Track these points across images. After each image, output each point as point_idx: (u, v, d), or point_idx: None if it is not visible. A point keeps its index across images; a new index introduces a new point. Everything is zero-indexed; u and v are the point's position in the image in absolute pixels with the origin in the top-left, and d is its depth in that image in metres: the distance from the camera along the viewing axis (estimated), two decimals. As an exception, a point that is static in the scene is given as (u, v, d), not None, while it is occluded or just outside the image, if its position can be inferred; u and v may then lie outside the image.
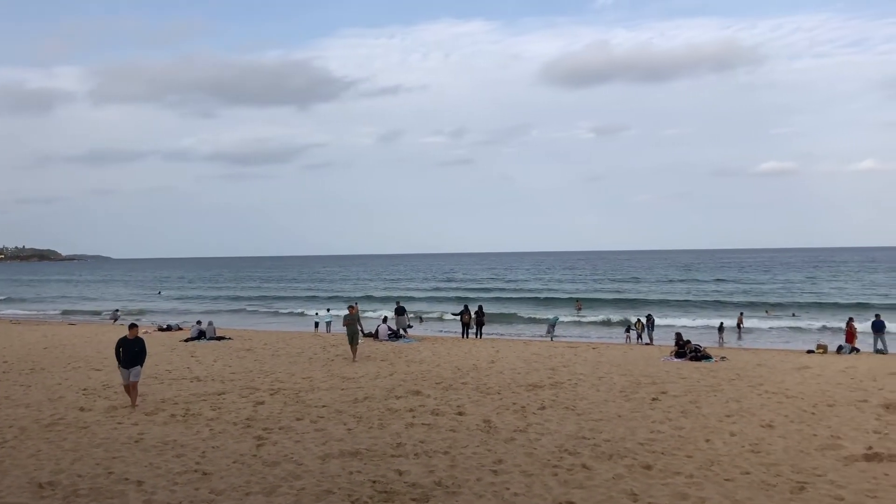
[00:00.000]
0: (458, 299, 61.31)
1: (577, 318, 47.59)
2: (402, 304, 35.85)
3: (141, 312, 57.54)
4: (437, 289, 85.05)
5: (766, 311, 47.15)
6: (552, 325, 35.65)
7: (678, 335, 27.02)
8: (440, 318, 48.10)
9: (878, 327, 29.01)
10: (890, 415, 14.26)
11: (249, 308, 64.07)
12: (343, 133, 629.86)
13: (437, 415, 14.26)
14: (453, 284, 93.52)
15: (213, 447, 11.68)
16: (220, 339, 31.33)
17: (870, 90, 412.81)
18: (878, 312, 32.19)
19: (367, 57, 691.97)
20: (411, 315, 40.55)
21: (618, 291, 74.37)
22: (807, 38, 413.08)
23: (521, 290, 79.75)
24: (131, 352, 14.98)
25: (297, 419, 13.92)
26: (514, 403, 15.51)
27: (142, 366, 15.20)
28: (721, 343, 32.53)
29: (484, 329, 34.16)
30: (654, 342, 32.42)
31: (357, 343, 23.70)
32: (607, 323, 45.34)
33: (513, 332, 40.37)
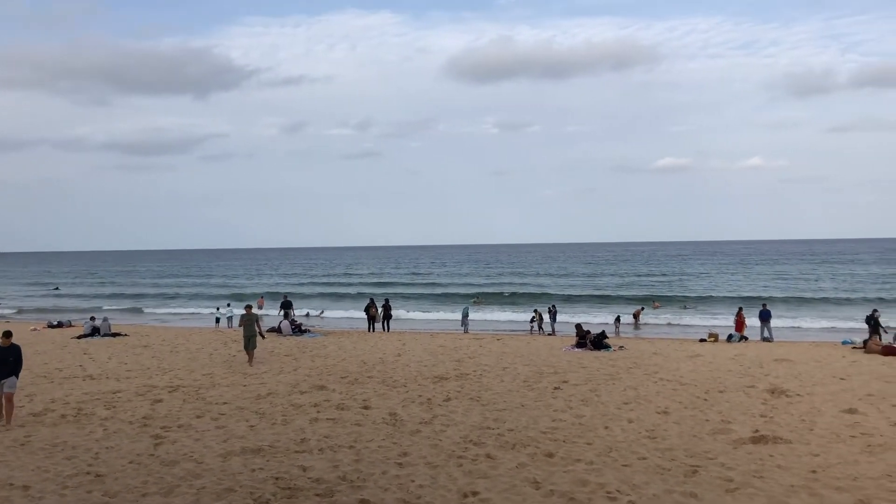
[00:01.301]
0: (361, 295, 60.83)
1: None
2: (288, 299, 35.40)
3: (40, 310, 54.57)
4: (339, 283, 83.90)
5: (654, 304, 48.73)
6: (465, 315, 35.88)
7: (578, 326, 27.73)
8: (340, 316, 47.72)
9: (765, 316, 30.54)
10: (775, 399, 15.06)
11: (147, 303, 61.85)
12: (245, 124, 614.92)
13: (342, 409, 14.16)
14: (356, 279, 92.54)
15: (107, 448, 11.22)
16: (115, 335, 30.08)
17: (757, 91, 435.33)
18: (764, 302, 33.88)
19: (271, 46, 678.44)
20: (314, 312, 40.13)
21: (521, 284, 75.58)
22: (701, 39, 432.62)
23: (427, 283, 80.00)
24: (4, 362, 13.16)
25: (198, 417, 13.55)
26: (420, 396, 15.57)
27: (17, 376, 13.34)
28: (617, 335, 33.54)
29: (391, 322, 34.13)
30: (557, 333, 33.15)
31: (254, 347, 21.23)
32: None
33: (420, 325, 40.48)
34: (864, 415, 13.40)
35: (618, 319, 35.87)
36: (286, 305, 34.24)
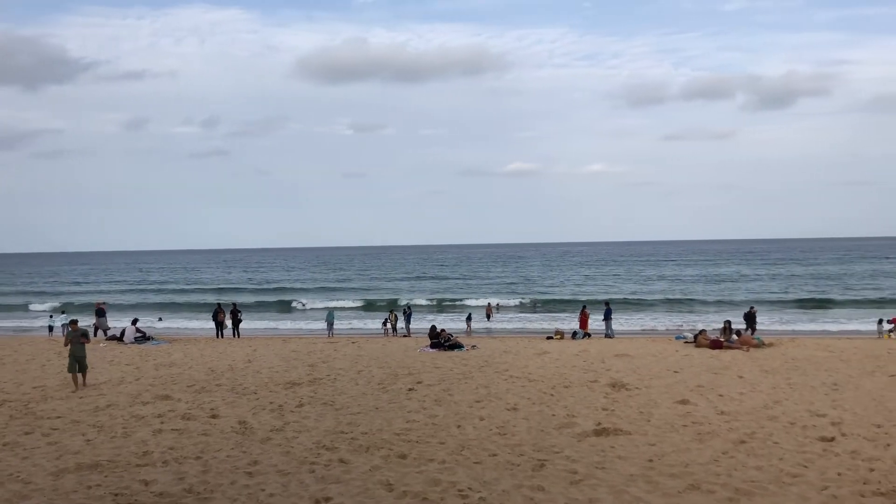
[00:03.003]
0: (206, 303, 58.46)
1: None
2: (102, 306, 33.67)
3: None
4: (179, 290, 79.47)
5: (496, 307, 48.83)
6: (330, 322, 35.30)
7: (433, 327, 28.07)
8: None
9: (607, 314, 32.16)
10: (615, 392, 15.88)
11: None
12: (81, 119, 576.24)
13: (188, 419, 13.57)
14: (197, 284, 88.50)
15: (-82, 472, 10.17)
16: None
17: (600, 100, 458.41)
18: (607, 301, 35.63)
19: (112, 38, 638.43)
20: (150, 321, 38.30)
21: (376, 289, 75.56)
22: (548, 49, 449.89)
23: (275, 288, 78.13)
24: None
25: (26, 433, 12.57)
26: (272, 403, 15.20)
27: None
28: (469, 333, 34.25)
29: (241, 327, 33.13)
30: (412, 334, 33.38)
31: (85, 369, 17.86)
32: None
33: (271, 329, 39.55)
34: (694, 405, 14.37)
35: (469, 318, 36.59)
36: (99, 313, 32.40)
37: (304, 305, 56.43)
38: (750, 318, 30.48)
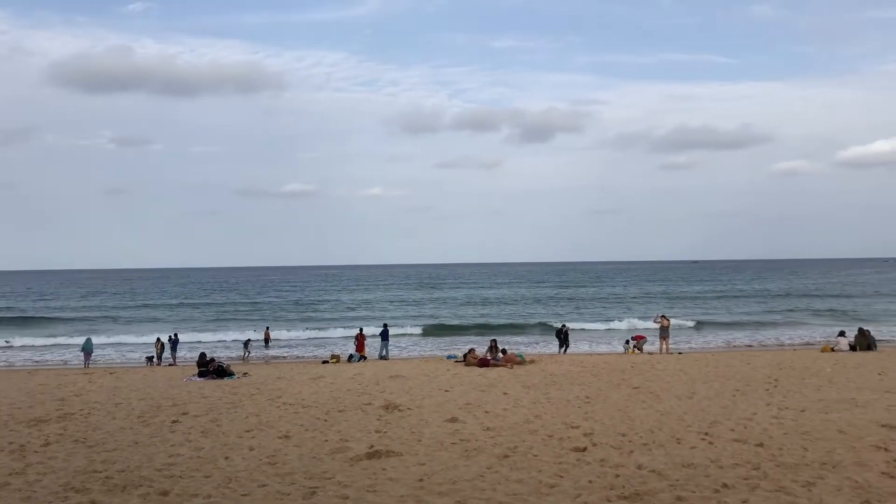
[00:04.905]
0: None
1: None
2: None
3: None
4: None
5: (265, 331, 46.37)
6: (87, 352, 32.31)
7: (202, 354, 26.85)
8: None
9: (384, 336, 32.60)
10: (388, 414, 16.07)
11: None
12: None
13: None
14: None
15: None
16: None
17: (377, 125, 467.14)
18: (385, 323, 36.14)
19: None
20: None
21: (138, 319, 70.91)
22: (326, 72, 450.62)
23: (21, 317, 70.78)
24: None
25: None
26: (12, 443, 13.62)
27: None
28: (247, 357, 33.16)
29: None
30: (178, 363, 31.66)
31: None
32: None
33: (16, 358, 35.58)
34: (463, 422, 14.90)
35: (247, 344, 35.36)
36: None
37: (7, 343, 43.66)
38: (562, 336, 33.41)
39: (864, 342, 30.02)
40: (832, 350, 29.72)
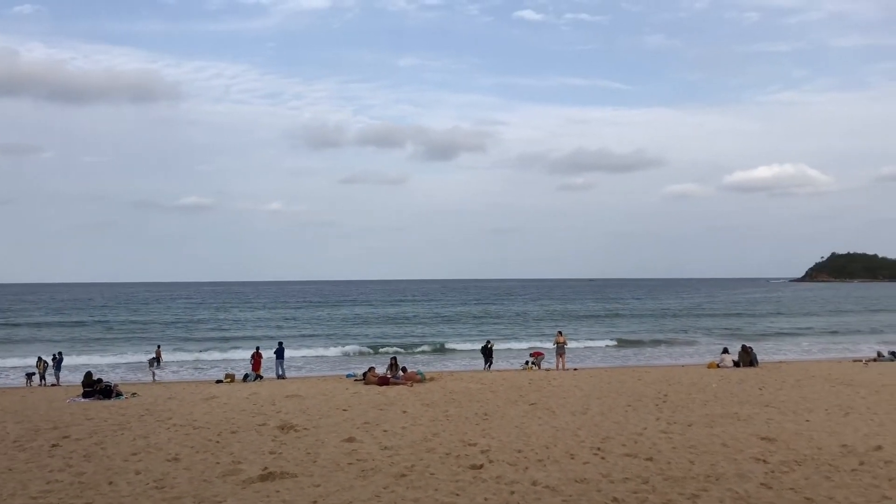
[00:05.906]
0: None
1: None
2: None
3: None
4: None
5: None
6: (151, 364, 30.67)
7: (88, 374, 25.65)
8: None
9: (279, 354, 31.91)
10: (284, 435, 15.72)
11: None
12: None
13: None
14: None
15: None
16: None
17: (280, 140, 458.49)
18: (280, 341, 35.30)
19: None
20: None
21: (14, 340, 67.03)
22: (226, 84, 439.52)
23: None
24: None
25: None
26: None
27: None
28: (154, 376, 31.69)
29: None
30: (62, 383, 30.04)
31: None
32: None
33: None
34: (360, 442, 14.73)
35: (153, 362, 33.41)
36: None
37: None
38: (487, 353, 33.60)
39: (747, 358, 31.46)
40: (717, 366, 31.02)
